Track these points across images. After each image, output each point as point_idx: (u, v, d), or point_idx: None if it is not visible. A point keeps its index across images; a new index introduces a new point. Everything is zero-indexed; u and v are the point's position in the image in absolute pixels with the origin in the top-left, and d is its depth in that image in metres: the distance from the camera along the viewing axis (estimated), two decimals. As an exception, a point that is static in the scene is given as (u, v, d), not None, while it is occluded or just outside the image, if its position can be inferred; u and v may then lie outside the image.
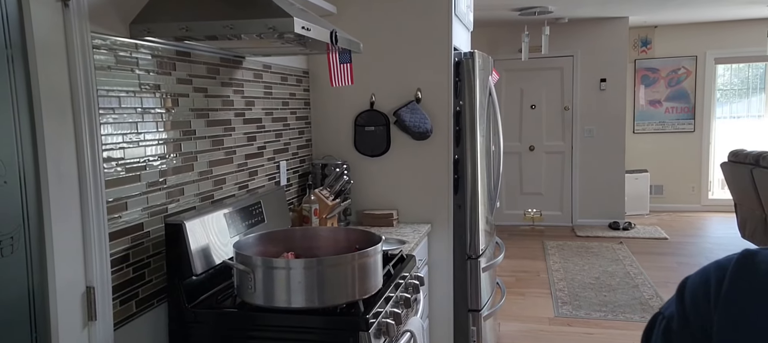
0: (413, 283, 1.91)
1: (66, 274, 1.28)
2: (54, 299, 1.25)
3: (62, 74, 1.27)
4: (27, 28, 1.19)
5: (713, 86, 6.92)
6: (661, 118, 7.01)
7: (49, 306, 1.25)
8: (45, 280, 1.24)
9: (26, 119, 1.20)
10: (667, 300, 0.65)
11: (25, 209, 1.20)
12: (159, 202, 1.59)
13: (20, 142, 1.19)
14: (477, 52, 2.71)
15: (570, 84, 6.34)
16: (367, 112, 2.73)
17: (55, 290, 1.25)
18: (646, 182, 6.81)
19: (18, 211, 1.18)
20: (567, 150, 6.43)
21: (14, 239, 1.18)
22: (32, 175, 1.21)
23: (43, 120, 1.21)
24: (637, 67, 6.98)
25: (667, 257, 5.08)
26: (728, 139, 6.90)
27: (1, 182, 1.15)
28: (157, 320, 1.58)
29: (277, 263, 1.49)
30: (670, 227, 6.21)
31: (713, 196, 7.04)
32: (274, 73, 2.35)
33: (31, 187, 1.21)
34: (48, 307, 1.25)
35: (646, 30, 6.89)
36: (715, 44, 6.79)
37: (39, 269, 1.23)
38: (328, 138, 2.79)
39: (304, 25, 1.46)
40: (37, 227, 1.22)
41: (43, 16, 1.21)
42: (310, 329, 1.49)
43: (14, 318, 1.20)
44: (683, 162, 7.01)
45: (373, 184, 2.76)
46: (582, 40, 6.23)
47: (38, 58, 1.20)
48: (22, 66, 1.19)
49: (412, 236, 2.42)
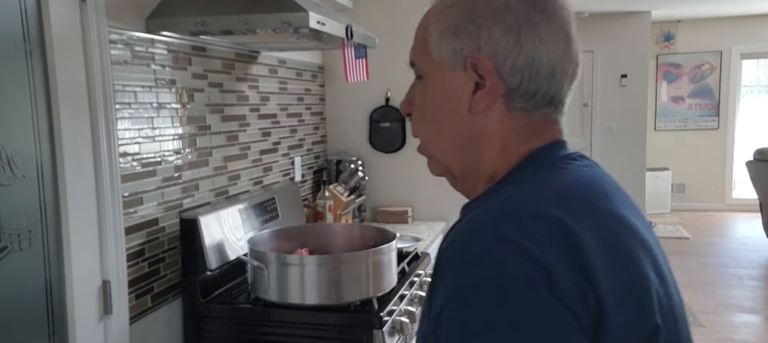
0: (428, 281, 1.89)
1: (82, 268, 1.29)
2: (70, 293, 1.26)
3: (79, 69, 1.27)
4: (45, 22, 1.20)
5: (738, 82, 6.75)
6: (684, 115, 6.87)
7: (66, 300, 1.26)
8: (62, 274, 1.25)
9: (44, 114, 1.21)
10: None
11: (42, 204, 1.21)
12: (174, 197, 1.59)
13: (38, 136, 1.20)
14: (495, 47, 2.67)
15: (590, 80, 6.23)
16: (382, 107, 2.71)
17: (72, 284, 1.26)
18: (668, 181, 6.68)
19: (36, 205, 1.19)
20: (586, 147, 6.34)
21: (32, 233, 1.19)
22: (49, 169, 1.22)
23: (61, 115, 1.22)
24: (660, 62, 6.84)
25: (689, 258, 4.98)
26: (754, 136, 6.73)
27: (19, 176, 1.16)
28: (172, 314, 1.59)
29: (291, 260, 1.49)
30: (693, 227, 6.09)
31: (737, 195, 6.88)
32: (289, 68, 2.34)
33: (48, 181, 1.22)
34: (65, 301, 1.26)
35: (669, 24, 6.74)
36: (741, 39, 6.62)
37: (56, 263, 1.24)
38: (342, 134, 2.78)
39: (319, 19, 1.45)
40: (55, 221, 1.23)
41: (60, 11, 1.22)
42: (324, 326, 1.49)
43: (32, 312, 1.21)
44: (706, 160, 6.86)
45: (387, 180, 2.75)
46: (603, 35, 6.12)
47: (56, 53, 1.21)
48: (41, 61, 1.20)
49: (427, 233, 2.40)
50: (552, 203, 0.54)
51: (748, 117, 6.87)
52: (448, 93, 0.61)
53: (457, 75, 0.60)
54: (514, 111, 0.60)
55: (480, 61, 0.58)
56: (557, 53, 0.59)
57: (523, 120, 0.61)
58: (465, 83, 0.59)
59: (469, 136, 0.62)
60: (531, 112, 0.60)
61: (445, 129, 0.64)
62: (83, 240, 1.29)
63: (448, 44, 0.60)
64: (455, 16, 0.59)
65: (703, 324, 3.52)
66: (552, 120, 0.63)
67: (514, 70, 0.58)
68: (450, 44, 0.60)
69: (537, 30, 0.58)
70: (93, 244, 1.32)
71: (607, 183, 0.63)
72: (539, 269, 0.49)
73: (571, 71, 0.62)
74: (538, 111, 0.61)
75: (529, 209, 0.54)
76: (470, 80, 0.59)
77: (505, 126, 0.61)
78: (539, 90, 0.59)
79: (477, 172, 0.64)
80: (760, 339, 3.34)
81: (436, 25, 0.62)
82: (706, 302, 3.89)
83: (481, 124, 0.61)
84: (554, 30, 0.59)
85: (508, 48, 0.57)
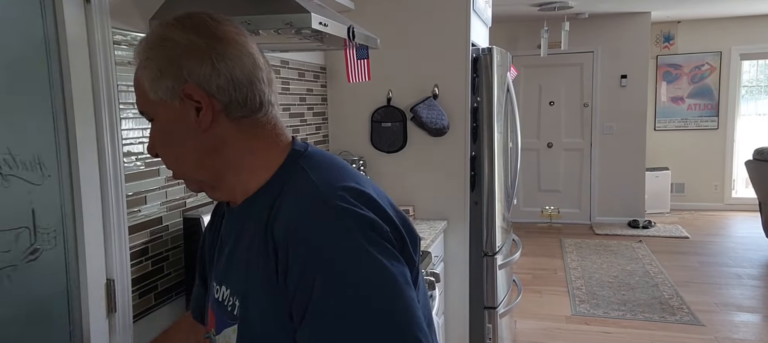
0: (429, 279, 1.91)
1: (92, 267, 1.30)
2: (85, 292, 1.28)
3: (85, 69, 1.29)
4: (59, 24, 1.21)
5: (738, 83, 6.76)
6: (684, 115, 6.88)
7: (82, 299, 1.28)
8: (78, 273, 1.27)
9: (61, 114, 1.23)
10: None
11: (63, 204, 1.22)
12: (177, 196, 1.60)
13: (57, 137, 1.21)
14: (495, 47, 2.69)
15: (590, 80, 6.25)
16: (383, 108, 2.72)
17: (86, 283, 1.28)
18: (667, 180, 6.69)
19: (58, 205, 1.21)
20: (586, 147, 6.35)
21: (56, 232, 1.21)
22: (67, 169, 1.24)
23: (75, 114, 1.24)
24: (660, 63, 6.86)
25: (688, 257, 4.99)
26: (753, 136, 6.74)
27: (46, 176, 1.17)
28: (175, 312, 1.60)
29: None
30: (692, 226, 6.10)
31: (737, 194, 6.90)
32: (291, 68, 2.36)
33: (66, 181, 1.23)
34: (81, 300, 1.28)
35: (669, 25, 6.75)
36: (740, 40, 6.63)
37: (74, 263, 1.26)
38: (344, 134, 2.80)
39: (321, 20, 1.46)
40: (72, 221, 1.25)
41: (70, 13, 1.23)
42: (326, 324, 1.50)
43: (56, 311, 1.23)
44: (706, 160, 6.87)
45: (389, 180, 2.76)
46: (603, 35, 6.14)
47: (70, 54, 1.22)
48: (58, 61, 1.21)
49: (428, 232, 2.42)
50: (345, 178, 0.74)
51: (748, 117, 6.88)
52: (177, 122, 0.75)
53: (178, 106, 0.74)
54: (237, 120, 0.75)
55: (191, 90, 0.73)
56: (248, 67, 0.75)
57: (248, 125, 0.76)
58: (187, 111, 0.74)
59: (207, 149, 0.76)
60: (250, 116, 0.76)
61: (185, 151, 0.77)
62: (92, 239, 1.30)
63: (160, 87, 0.74)
64: (156, 64, 0.74)
65: (703, 323, 3.53)
66: (274, 119, 0.79)
67: (220, 89, 0.73)
68: (162, 86, 0.74)
69: (224, 55, 0.73)
70: (99, 243, 1.33)
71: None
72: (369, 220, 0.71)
73: (266, 77, 0.77)
74: (254, 114, 0.76)
75: (336, 184, 0.73)
76: (191, 107, 0.74)
77: (237, 133, 0.76)
78: (247, 98, 0.75)
79: (228, 176, 0.78)
80: (760, 338, 3.35)
81: (145, 78, 0.75)
82: (705, 301, 3.91)
83: (215, 137, 0.75)
84: (238, 52, 0.74)
85: (207, 74, 0.73)
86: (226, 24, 0.77)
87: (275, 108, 0.79)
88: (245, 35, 0.77)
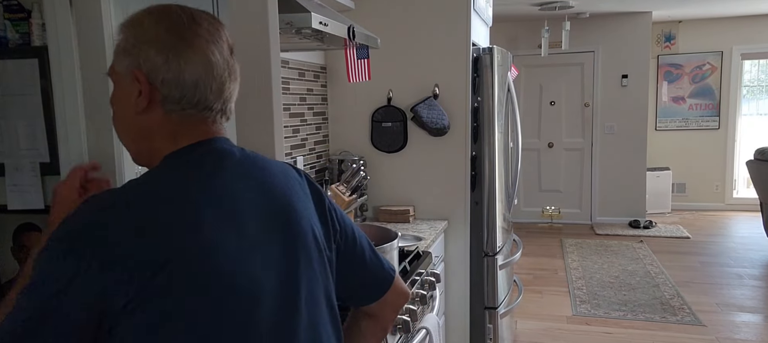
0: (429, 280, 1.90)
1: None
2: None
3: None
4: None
5: (739, 82, 6.75)
6: (685, 115, 6.87)
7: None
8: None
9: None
10: None
11: None
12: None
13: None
14: (496, 47, 2.68)
15: (591, 80, 6.24)
16: (384, 107, 2.72)
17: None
18: (668, 180, 6.68)
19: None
20: (587, 147, 6.35)
21: None
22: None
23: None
24: (661, 62, 6.85)
25: (689, 257, 4.99)
26: (754, 136, 6.73)
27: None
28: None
29: (293, 258, 1.49)
30: (693, 226, 6.09)
31: (738, 194, 6.89)
32: (291, 68, 2.35)
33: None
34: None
35: (670, 25, 6.75)
36: (741, 39, 6.62)
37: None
38: (345, 134, 2.80)
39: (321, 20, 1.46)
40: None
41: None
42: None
43: None
44: (707, 160, 6.87)
45: (389, 180, 2.76)
46: (603, 35, 6.13)
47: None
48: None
49: (428, 232, 2.41)
50: (141, 190, 0.78)
51: (749, 117, 6.87)
52: (124, 97, 0.82)
53: (128, 84, 0.81)
54: (170, 113, 0.81)
55: (138, 74, 0.80)
56: (199, 72, 0.80)
57: (177, 120, 0.82)
58: (132, 90, 0.81)
59: (140, 131, 0.83)
60: (180, 113, 0.81)
61: (126, 125, 0.84)
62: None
63: (121, 61, 0.82)
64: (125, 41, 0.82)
65: (704, 323, 3.53)
66: (202, 120, 0.83)
67: (164, 82, 0.80)
68: (123, 62, 0.81)
69: (181, 55, 0.80)
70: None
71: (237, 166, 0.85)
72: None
73: (215, 87, 0.82)
74: (185, 112, 0.82)
75: (128, 185, 0.79)
76: (136, 88, 0.80)
77: (166, 124, 0.82)
78: (184, 97, 0.81)
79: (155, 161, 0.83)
80: (761, 339, 3.35)
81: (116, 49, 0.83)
82: (706, 301, 3.90)
83: (147, 122, 0.82)
84: (196, 57, 0.80)
85: (158, 65, 0.79)
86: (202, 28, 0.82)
87: (216, 114, 0.84)
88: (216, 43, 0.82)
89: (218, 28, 0.84)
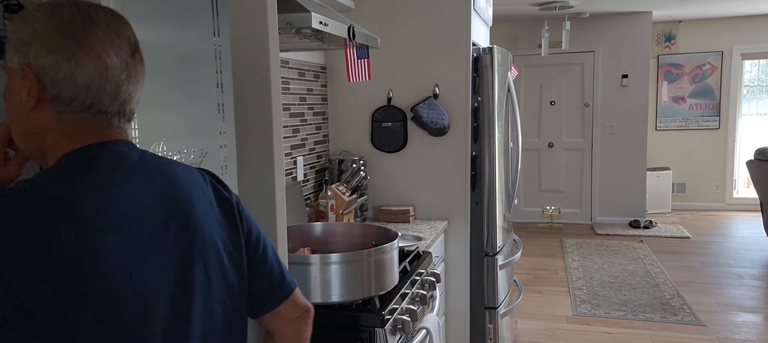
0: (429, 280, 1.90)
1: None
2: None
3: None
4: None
5: (739, 82, 6.75)
6: (685, 115, 6.87)
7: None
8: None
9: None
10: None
11: None
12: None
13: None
14: (496, 47, 2.68)
15: (591, 80, 6.24)
16: (384, 107, 2.72)
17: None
18: (668, 180, 6.68)
19: None
20: (587, 147, 6.35)
21: None
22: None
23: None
24: (661, 62, 6.85)
25: (689, 257, 4.99)
26: (754, 136, 6.73)
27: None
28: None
29: (293, 259, 1.50)
30: (693, 226, 6.09)
31: (738, 194, 6.89)
32: (291, 68, 2.35)
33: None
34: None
35: (671, 25, 6.75)
36: (741, 39, 6.62)
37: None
38: (345, 133, 2.79)
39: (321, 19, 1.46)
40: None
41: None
42: (326, 325, 1.50)
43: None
44: (707, 160, 6.87)
45: (389, 180, 2.76)
46: (603, 35, 6.13)
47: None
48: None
49: (428, 232, 2.41)
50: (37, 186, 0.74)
51: (749, 117, 6.87)
52: (14, 93, 0.80)
53: (18, 81, 0.79)
54: (61, 113, 0.79)
55: (28, 73, 0.77)
56: (91, 74, 0.77)
57: (70, 121, 0.79)
58: (22, 87, 0.78)
59: (30, 129, 0.81)
60: (72, 115, 0.79)
61: (17, 121, 0.82)
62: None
63: (12, 57, 0.80)
64: (16, 38, 0.79)
65: (704, 323, 3.53)
66: (97, 123, 0.81)
67: (54, 82, 0.77)
68: (14, 57, 0.79)
69: (72, 56, 0.77)
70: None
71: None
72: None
73: (110, 89, 0.79)
74: (78, 115, 0.79)
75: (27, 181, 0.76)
76: (25, 86, 0.78)
77: (57, 124, 0.79)
78: (75, 99, 0.78)
79: (47, 160, 0.82)
80: (761, 339, 3.34)
81: (8, 44, 0.81)
82: (706, 301, 3.90)
83: (38, 121, 0.79)
84: (88, 58, 0.77)
85: (49, 65, 0.76)
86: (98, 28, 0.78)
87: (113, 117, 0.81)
88: (113, 44, 0.79)
89: (118, 28, 0.80)
